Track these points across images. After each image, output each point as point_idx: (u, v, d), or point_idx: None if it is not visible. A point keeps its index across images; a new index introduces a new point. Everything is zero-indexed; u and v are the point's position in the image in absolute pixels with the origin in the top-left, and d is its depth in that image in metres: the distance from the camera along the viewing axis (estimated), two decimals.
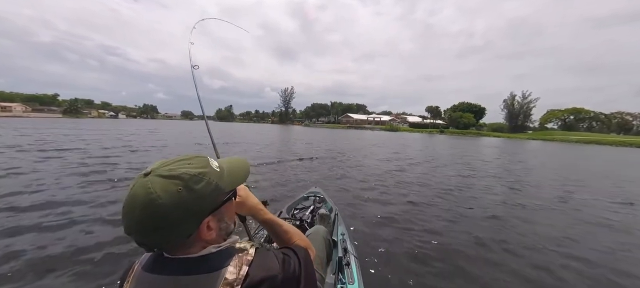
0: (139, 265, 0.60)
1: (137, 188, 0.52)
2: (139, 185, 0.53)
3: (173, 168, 0.55)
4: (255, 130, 32.34)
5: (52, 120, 40.52)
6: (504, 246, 3.00)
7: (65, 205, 3.55)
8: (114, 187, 4.56)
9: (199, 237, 0.58)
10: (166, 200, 0.51)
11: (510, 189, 5.97)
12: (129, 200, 0.53)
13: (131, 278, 0.58)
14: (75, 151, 8.38)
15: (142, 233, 0.53)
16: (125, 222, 0.54)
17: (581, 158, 15.68)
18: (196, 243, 0.58)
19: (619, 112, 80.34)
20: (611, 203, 5.08)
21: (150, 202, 0.51)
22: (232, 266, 0.56)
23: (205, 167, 0.58)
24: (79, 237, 2.72)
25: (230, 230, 0.67)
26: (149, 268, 0.58)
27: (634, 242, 3.31)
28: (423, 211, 4.11)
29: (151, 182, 0.52)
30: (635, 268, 2.64)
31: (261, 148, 12.64)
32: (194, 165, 0.57)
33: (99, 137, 13.85)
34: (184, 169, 0.55)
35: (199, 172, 0.56)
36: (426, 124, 79.38)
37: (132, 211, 0.52)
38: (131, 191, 0.53)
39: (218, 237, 0.63)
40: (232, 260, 0.57)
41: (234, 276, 0.54)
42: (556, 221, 3.95)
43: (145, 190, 0.52)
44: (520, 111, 77.16)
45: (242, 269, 0.56)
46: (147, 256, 0.60)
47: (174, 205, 0.52)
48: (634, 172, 10.32)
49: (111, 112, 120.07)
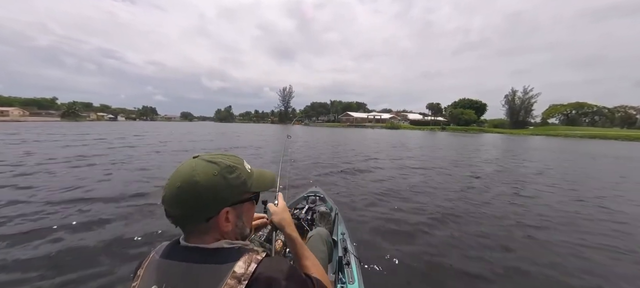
0: (154, 254, 0.65)
1: (185, 165, 0.63)
2: (187, 163, 0.64)
3: (215, 156, 0.67)
4: (256, 132, 31.66)
5: (50, 124, 39.96)
6: (512, 249, 2.86)
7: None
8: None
9: (216, 224, 0.64)
10: (202, 179, 0.60)
11: (529, 197, 5.33)
12: (176, 173, 0.63)
13: (146, 265, 0.63)
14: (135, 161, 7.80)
15: (176, 203, 0.60)
16: (165, 191, 0.62)
17: (611, 158, 15.01)
18: (212, 232, 0.64)
19: (622, 106, 79.45)
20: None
21: (190, 176, 0.60)
22: (242, 262, 0.59)
23: (240, 164, 0.69)
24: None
25: (245, 233, 0.73)
26: (164, 255, 0.63)
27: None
28: (423, 211, 3.99)
29: (196, 163, 0.63)
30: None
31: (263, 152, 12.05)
32: (231, 159, 0.68)
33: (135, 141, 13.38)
34: (222, 159, 0.66)
35: (233, 165, 0.67)
36: (427, 121, 78.70)
37: (174, 182, 0.61)
38: (180, 167, 0.64)
39: (233, 234, 0.68)
40: (242, 257, 0.60)
41: (243, 271, 0.57)
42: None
43: (190, 168, 0.62)
44: (521, 107, 76.22)
45: (250, 266, 0.58)
46: (164, 245, 0.66)
47: (208, 185, 0.61)
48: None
49: (110, 115, 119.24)
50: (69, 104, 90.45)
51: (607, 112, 77.25)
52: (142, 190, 4.51)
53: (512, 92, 77.60)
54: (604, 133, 47.41)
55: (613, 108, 78.70)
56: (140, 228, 3.03)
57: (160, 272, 0.60)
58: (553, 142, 28.54)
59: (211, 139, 18.46)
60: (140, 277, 0.62)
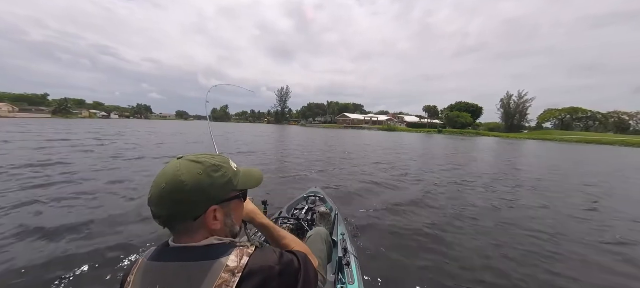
0: (144, 258, 0.64)
1: (169, 167, 0.64)
2: (172, 164, 0.64)
3: (199, 156, 0.67)
4: (252, 133, 31.13)
5: (41, 121, 38.79)
6: (511, 252, 2.88)
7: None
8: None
9: (205, 223, 0.64)
10: (187, 179, 0.61)
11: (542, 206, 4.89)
12: (161, 174, 0.63)
13: (136, 271, 0.62)
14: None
15: (162, 204, 0.61)
16: (151, 192, 0.62)
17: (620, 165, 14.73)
18: (200, 230, 0.64)
19: (616, 112, 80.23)
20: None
21: (175, 177, 0.61)
22: (234, 255, 0.60)
23: (225, 163, 0.69)
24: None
25: (235, 231, 0.73)
26: (155, 258, 0.63)
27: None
28: (423, 211, 4.04)
29: (180, 163, 0.64)
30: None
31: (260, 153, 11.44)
32: (216, 159, 0.68)
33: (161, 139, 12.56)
34: (207, 159, 0.66)
35: (219, 164, 0.67)
36: (424, 123, 78.71)
37: (160, 183, 0.61)
38: (165, 168, 0.64)
39: (222, 231, 0.68)
40: (234, 251, 0.61)
41: (235, 264, 0.58)
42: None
43: (174, 169, 0.62)
44: (516, 111, 76.86)
45: (242, 259, 0.59)
46: (152, 249, 0.66)
47: (193, 184, 0.61)
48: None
49: (103, 113, 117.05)
50: (61, 101, 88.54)
51: (601, 118, 78.06)
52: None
53: (508, 96, 78.24)
54: (599, 138, 47.64)
55: (607, 113, 79.56)
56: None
57: (153, 275, 0.59)
58: (553, 147, 28.34)
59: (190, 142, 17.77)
60: (131, 282, 0.61)
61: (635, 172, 10.07)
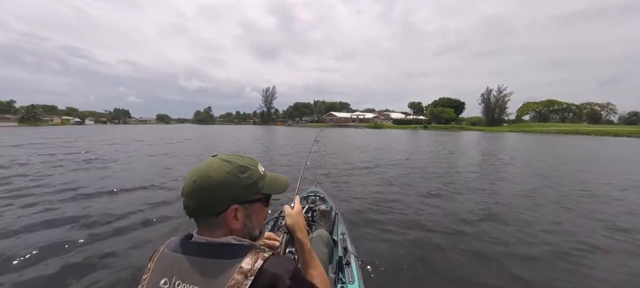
0: (164, 247, 0.68)
1: (203, 163, 0.69)
2: (206, 161, 0.69)
3: (230, 156, 0.71)
4: (235, 136, 29.92)
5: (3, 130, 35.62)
6: (506, 249, 2.85)
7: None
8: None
9: (225, 220, 0.66)
10: (215, 175, 0.65)
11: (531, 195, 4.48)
12: (195, 169, 0.68)
13: (157, 258, 0.66)
14: None
15: (191, 196, 0.65)
16: (184, 185, 0.67)
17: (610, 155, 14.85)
18: (221, 227, 0.67)
19: (588, 103, 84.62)
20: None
21: (206, 173, 0.65)
22: (249, 258, 0.61)
23: (253, 166, 0.73)
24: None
25: (254, 234, 0.74)
26: (174, 248, 0.66)
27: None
28: (423, 211, 3.99)
29: (212, 161, 0.68)
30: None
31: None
32: (245, 160, 0.72)
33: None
34: (236, 159, 0.70)
35: (246, 165, 0.71)
36: (409, 120, 79.89)
37: (192, 177, 0.66)
38: (198, 164, 0.69)
39: (241, 232, 0.69)
40: (249, 254, 0.62)
41: (249, 266, 0.59)
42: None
43: (207, 165, 0.67)
44: (496, 105, 79.29)
45: (257, 263, 0.60)
46: (174, 239, 0.70)
47: (219, 181, 0.65)
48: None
49: (77, 119, 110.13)
50: (28, 107, 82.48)
51: (575, 109, 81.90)
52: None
53: (488, 91, 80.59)
54: (577, 128, 49.78)
55: (580, 105, 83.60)
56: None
57: (170, 265, 0.62)
58: (535, 139, 28.94)
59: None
60: (151, 269, 0.64)
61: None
